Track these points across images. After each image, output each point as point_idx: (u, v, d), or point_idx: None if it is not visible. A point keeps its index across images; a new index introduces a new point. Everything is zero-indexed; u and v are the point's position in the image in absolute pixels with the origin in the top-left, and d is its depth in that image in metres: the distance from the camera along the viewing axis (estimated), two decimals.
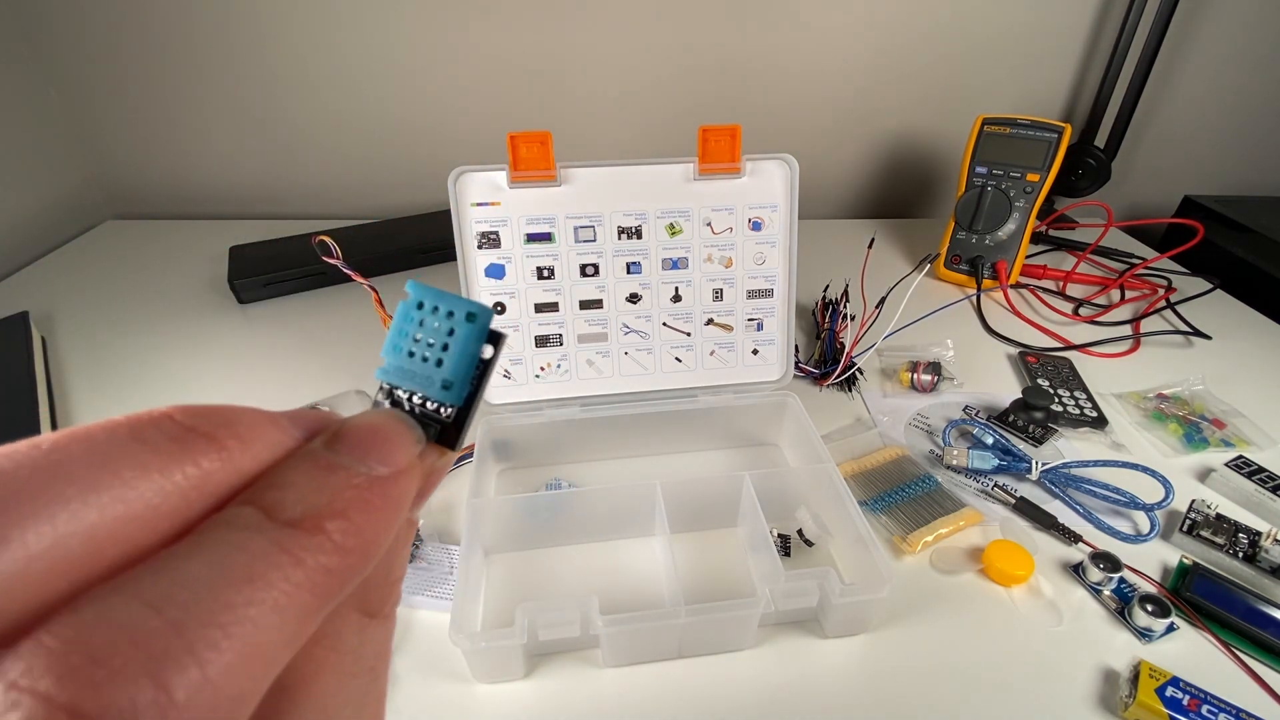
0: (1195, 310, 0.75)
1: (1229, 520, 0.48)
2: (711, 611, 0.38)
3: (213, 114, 0.91)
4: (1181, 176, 1.06)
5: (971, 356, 0.69)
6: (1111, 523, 0.49)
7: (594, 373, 0.54)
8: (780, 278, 0.53)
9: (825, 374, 0.63)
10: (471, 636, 0.36)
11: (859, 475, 0.53)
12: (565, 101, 0.94)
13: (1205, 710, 0.36)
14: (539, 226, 0.50)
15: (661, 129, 0.96)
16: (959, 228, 0.81)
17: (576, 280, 0.52)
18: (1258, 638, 0.41)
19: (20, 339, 0.63)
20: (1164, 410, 0.60)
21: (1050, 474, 0.52)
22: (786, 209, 0.52)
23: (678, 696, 0.39)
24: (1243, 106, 1.00)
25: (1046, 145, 0.76)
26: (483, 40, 0.88)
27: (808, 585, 0.40)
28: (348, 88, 0.90)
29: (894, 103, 0.98)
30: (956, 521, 0.48)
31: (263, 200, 0.98)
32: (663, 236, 0.52)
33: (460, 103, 0.93)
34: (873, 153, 1.03)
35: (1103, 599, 0.44)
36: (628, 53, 0.91)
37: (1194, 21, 0.92)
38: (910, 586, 0.45)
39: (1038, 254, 0.90)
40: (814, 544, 0.48)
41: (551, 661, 0.41)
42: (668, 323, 0.53)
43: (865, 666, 0.41)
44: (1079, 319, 0.76)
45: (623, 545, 0.48)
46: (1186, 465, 0.55)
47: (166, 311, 0.73)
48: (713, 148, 0.50)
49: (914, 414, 0.60)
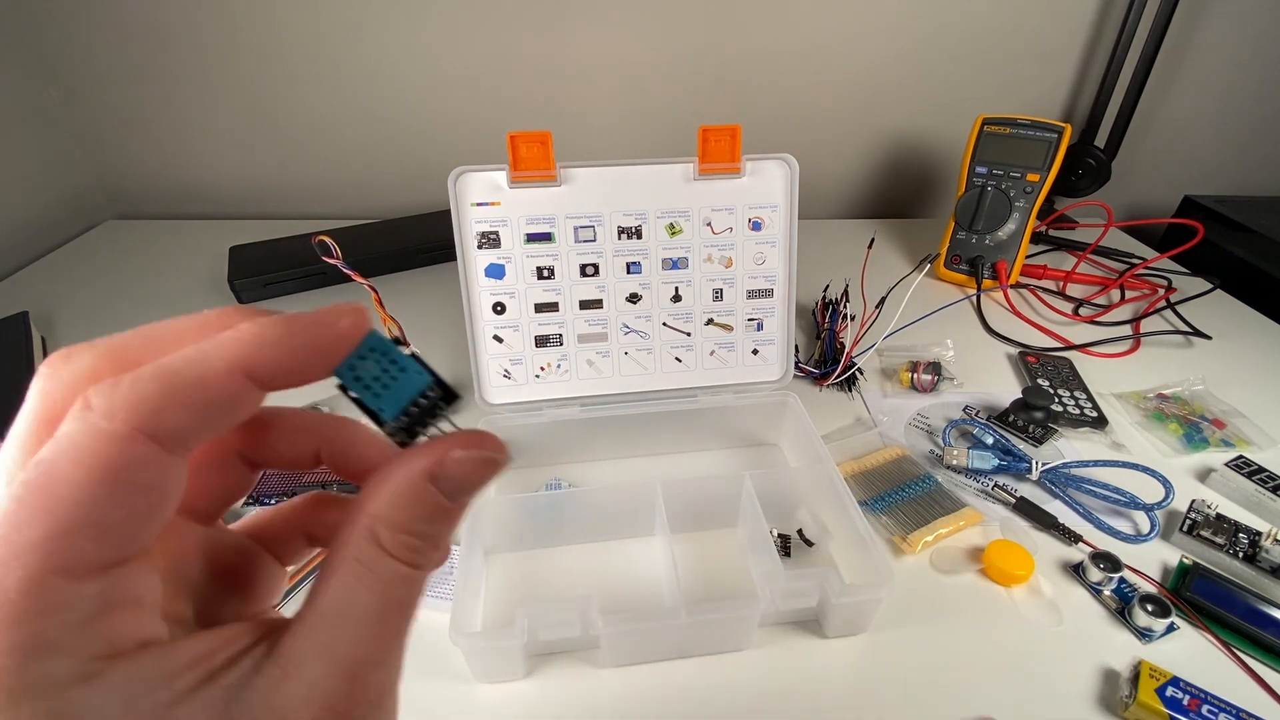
0: (1195, 310, 0.75)
1: (1229, 520, 0.48)
2: (712, 612, 0.38)
3: (213, 114, 0.91)
4: (1181, 176, 1.06)
5: (971, 356, 0.69)
6: (1111, 523, 0.49)
7: (594, 373, 0.54)
8: (780, 278, 0.53)
9: (825, 374, 0.63)
10: (471, 637, 0.36)
11: (859, 475, 0.53)
12: (565, 101, 0.94)
13: (1205, 710, 0.36)
14: (539, 226, 0.50)
15: (661, 129, 0.96)
16: (959, 228, 0.81)
17: (576, 280, 0.52)
18: (1258, 638, 0.41)
19: (20, 339, 0.63)
20: (1164, 410, 0.60)
21: (1050, 474, 0.52)
22: (786, 209, 0.52)
23: (678, 696, 0.39)
24: (1243, 106, 1.00)
25: (1046, 145, 0.76)
26: (483, 40, 0.88)
27: (808, 585, 0.40)
28: (348, 88, 0.90)
29: (894, 103, 0.98)
30: (956, 521, 0.48)
31: (263, 200, 0.98)
32: (663, 236, 0.52)
33: (460, 103, 0.93)
34: (873, 153, 1.03)
35: (1103, 599, 0.44)
36: (628, 53, 0.91)
37: (1194, 22, 0.92)
38: (910, 586, 0.45)
39: (1038, 254, 0.90)
40: (814, 544, 0.48)
41: (551, 661, 0.41)
42: (668, 323, 0.53)
43: (865, 666, 0.41)
44: (1079, 319, 0.76)
45: (623, 545, 0.48)
46: (1186, 465, 0.55)
47: (166, 312, 0.71)
48: (713, 148, 0.50)
49: (914, 414, 0.60)
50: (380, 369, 0.16)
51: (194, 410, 0.13)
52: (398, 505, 0.15)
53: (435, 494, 0.15)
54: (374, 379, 0.16)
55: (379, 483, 0.15)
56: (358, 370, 0.16)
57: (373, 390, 0.16)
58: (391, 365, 0.16)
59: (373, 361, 0.16)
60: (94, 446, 0.12)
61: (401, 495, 0.15)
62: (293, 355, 0.14)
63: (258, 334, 0.14)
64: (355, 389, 0.16)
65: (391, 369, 0.16)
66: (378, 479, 0.15)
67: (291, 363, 0.14)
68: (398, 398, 0.16)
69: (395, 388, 0.16)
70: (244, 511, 0.49)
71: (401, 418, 0.16)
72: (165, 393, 0.13)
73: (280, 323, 0.14)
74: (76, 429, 0.12)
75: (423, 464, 0.15)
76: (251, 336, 0.14)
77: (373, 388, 0.16)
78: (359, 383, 0.16)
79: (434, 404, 0.16)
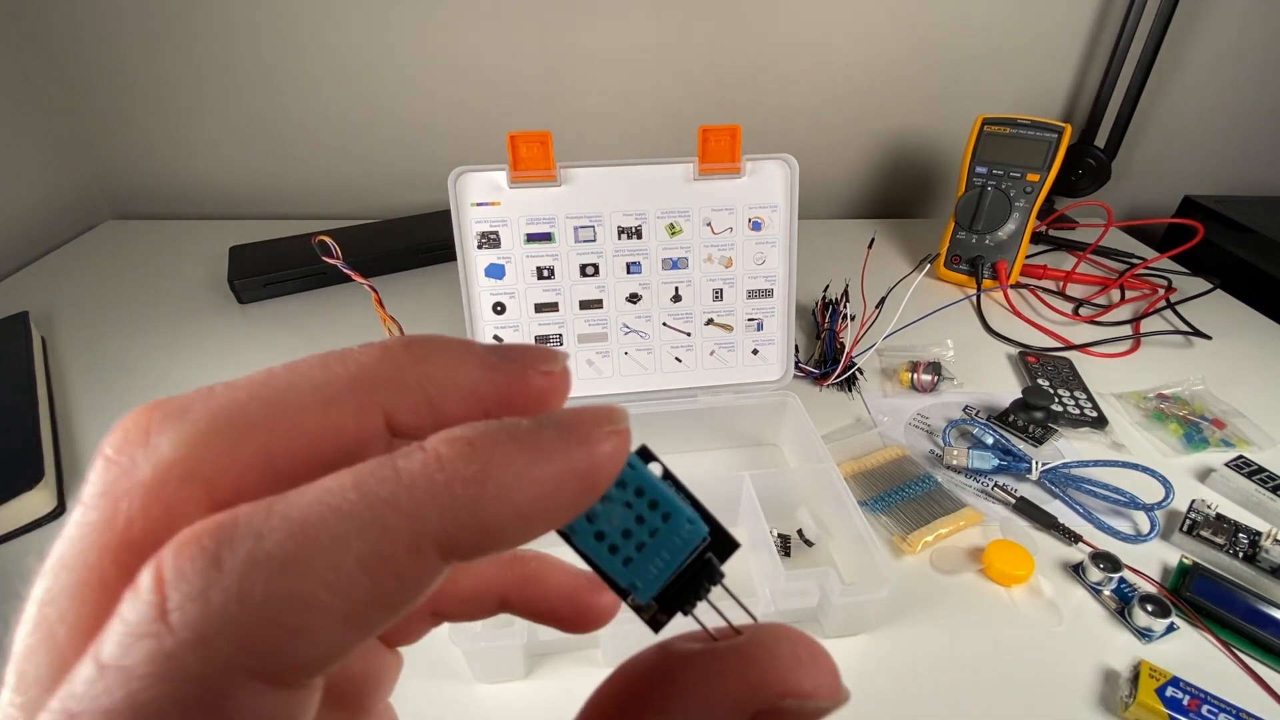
0: (1195, 310, 0.75)
1: (1229, 520, 0.48)
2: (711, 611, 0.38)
3: (213, 114, 0.91)
4: (1181, 176, 1.06)
5: (971, 356, 0.69)
6: (1111, 523, 0.49)
7: (594, 373, 0.54)
8: (780, 278, 0.53)
9: (825, 374, 0.63)
10: (471, 636, 0.36)
11: (859, 475, 0.53)
12: (565, 101, 0.94)
13: (1205, 710, 0.36)
14: (539, 226, 0.50)
15: (661, 129, 0.96)
16: (959, 228, 0.81)
17: (576, 280, 0.52)
18: (1258, 638, 0.41)
19: (20, 339, 0.63)
20: (1164, 410, 0.60)
21: (1050, 474, 0.52)
22: (786, 209, 0.52)
23: None
24: (1243, 106, 1.00)
25: (1046, 145, 0.76)
26: (483, 40, 0.88)
27: (808, 585, 0.40)
28: (348, 88, 0.90)
29: (894, 103, 0.98)
30: (956, 521, 0.48)
31: (263, 200, 0.98)
32: (663, 236, 0.52)
33: (460, 103, 0.93)
34: (873, 153, 1.03)
35: (1103, 599, 0.44)
36: (628, 53, 0.91)
37: (1194, 22, 0.92)
38: (910, 586, 0.45)
39: (1038, 254, 0.90)
40: (814, 544, 0.48)
41: (551, 661, 0.41)
42: (668, 323, 0.53)
43: (865, 666, 0.41)
44: (1079, 319, 0.76)
45: None
46: (1186, 465, 0.55)
47: (166, 311, 0.73)
48: (713, 148, 0.50)
49: (914, 414, 0.60)
50: (632, 518, 0.10)
51: (351, 624, 0.08)
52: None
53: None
54: (621, 535, 0.10)
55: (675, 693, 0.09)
56: (597, 517, 0.10)
57: (619, 555, 0.10)
58: (649, 510, 0.10)
59: (618, 506, 0.10)
60: (165, 694, 0.07)
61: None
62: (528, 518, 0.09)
63: (477, 480, 0.08)
64: (586, 545, 0.10)
65: (650, 516, 0.10)
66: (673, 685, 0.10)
67: (518, 531, 0.09)
68: (655, 566, 0.10)
69: (652, 549, 0.10)
70: None
71: (662, 593, 0.11)
72: (309, 597, 0.07)
73: (514, 455, 0.09)
74: (142, 654, 0.07)
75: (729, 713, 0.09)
76: (467, 487, 0.08)
77: (620, 549, 0.10)
78: (599, 543, 0.10)
79: (706, 563, 0.11)
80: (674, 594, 0.11)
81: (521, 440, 0.09)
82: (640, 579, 0.10)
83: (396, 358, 0.10)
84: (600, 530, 0.10)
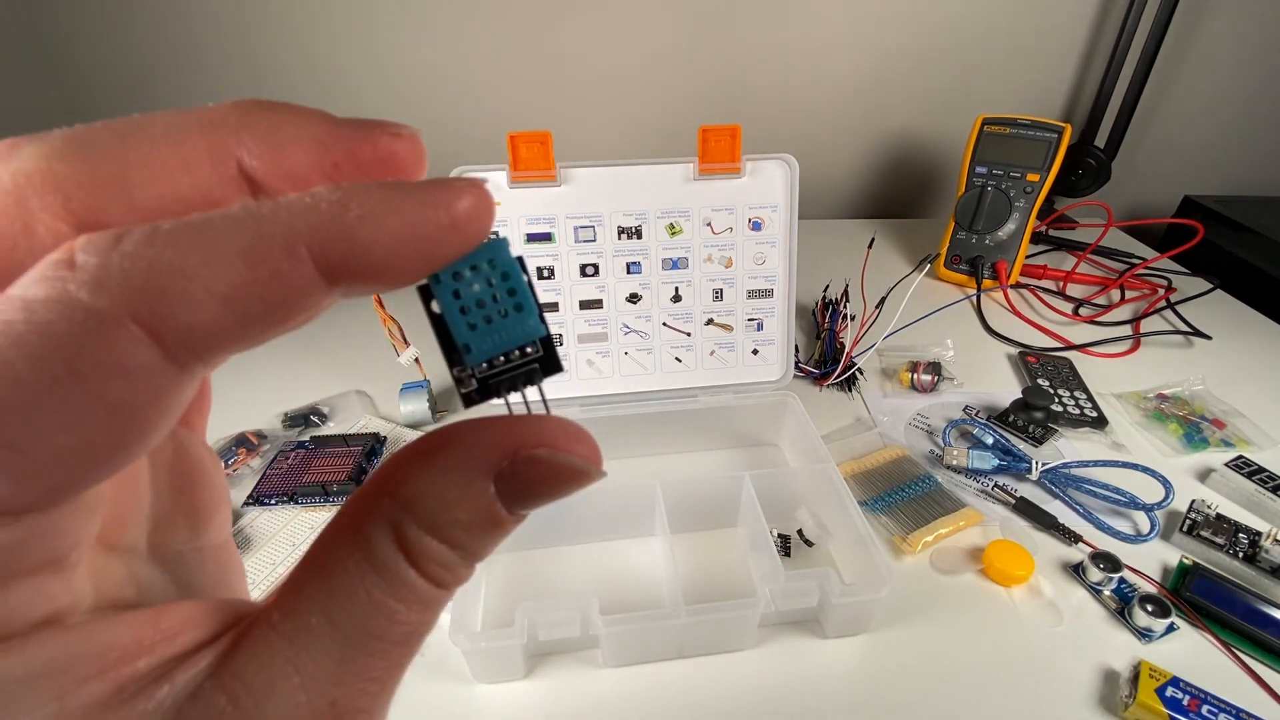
0: (1195, 310, 0.75)
1: (1229, 520, 0.48)
2: (711, 612, 0.38)
3: None
4: (1181, 176, 1.06)
5: (971, 356, 0.69)
6: (1111, 523, 0.49)
7: (594, 373, 0.54)
8: (780, 278, 0.53)
9: (825, 374, 0.63)
10: (471, 636, 0.36)
11: (859, 475, 0.53)
12: (565, 101, 0.94)
13: (1205, 710, 0.36)
14: (539, 226, 0.50)
15: (661, 129, 0.96)
16: (959, 228, 0.81)
17: (576, 280, 0.52)
18: (1258, 638, 0.41)
19: None
20: (1164, 410, 0.60)
21: (1050, 474, 0.52)
22: (786, 209, 0.52)
23: (678, 696, 0.39)
24: (1243, 106, 1.00)
25: (1046, 145, 0.76)
26: (483, 40, 0.88)
27: (808, 585, 0.40)
28: (348, 88, 0.90)
29: (894, 103, 0.98)
30: (956, 521, 0.48)
31: None
32: (663, 236, 0.52)
33: (460, 103, 0.93)
34: (873, 153, 1.03)
35: (1103, 599, 0.44)
36: (628, 53, 0.91)
37: (1194, 21, 0.92)
38: (910, 586, 0.45)
39: (1038, 254, 0.90)
40: (814, 544, 0.48)
41: (551, 661, 0.41)
42: (668, 323, 0.53)
43: (865, 666, 0.41)
44: (1079, 319, 0.76)
45: (623, 545, 0.48)
46: (1186, 465, 0.55)
47: None
48: (713, 148, 0.50)
49: (914, 414, 0.60)
50: (489, 294, 0.11)
51: (231, 307, 0.09)
52: (442, 502, 0.10)
53: (493, 499, 0.11)
54: (475, 303, 0.11)
55: (418, 460, 0.11)
56: (459, 284, 0.11)
57: (467, 317, 0.11)
58: (506, 295, 0.12)
59: (482, 280, 0.11)
60: (62, 331, 0.08)
61: (451, 488, 0.11)
62: (395, 244, 0.09)
63: (341, 203, 0.09)
64: (445, 303, 0.11)
65: (504, 299, 0.12)
66: (416, 453, 0.11)
67: (387, 254, 0.09)
68: (494, 339, 0.12)
69: (497, 326, 0.12)
70: (242, 512, 0.49)
71: (485, 365, 0.12)
72: (192, 269, 0.08)
73: (375, 190, 0.09)
74: (43, 295, 0.08)
75: (489, 454, 0.11)
76: (332, 207, 0.09)
77: (470, 313, 0.11)
78: (455, 300, 0.11)
79: (530, 366, 0.12)
80: (490, 380, 0.12)
81: (388, 185, 0.10)
82: (474, 343, 0.12)
83: (247, 107, 0.11)
84: (459, 293, 0.11)
